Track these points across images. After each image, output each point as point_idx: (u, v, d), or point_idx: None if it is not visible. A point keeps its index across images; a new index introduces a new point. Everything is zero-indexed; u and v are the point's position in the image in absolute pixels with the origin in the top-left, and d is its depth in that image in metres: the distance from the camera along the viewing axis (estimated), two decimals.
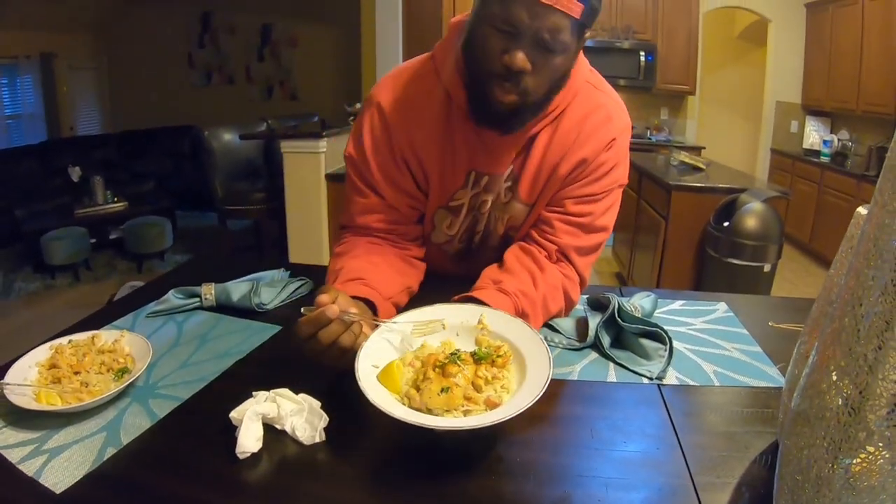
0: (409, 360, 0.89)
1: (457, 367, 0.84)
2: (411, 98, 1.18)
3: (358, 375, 0.81)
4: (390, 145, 1.19)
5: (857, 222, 0.73)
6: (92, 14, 7.58)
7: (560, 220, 1.21)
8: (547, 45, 0.97)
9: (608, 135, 1.18)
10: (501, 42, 0.98)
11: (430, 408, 0.80)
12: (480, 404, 0.82)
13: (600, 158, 1.18)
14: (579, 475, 0.78)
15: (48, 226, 4.94)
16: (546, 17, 0.94)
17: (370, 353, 0.88)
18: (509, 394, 0.85)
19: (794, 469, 0.61)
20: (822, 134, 6.46)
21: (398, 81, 1.21)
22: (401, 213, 1.24)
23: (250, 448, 0.77)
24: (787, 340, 1.15)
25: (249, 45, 8.04)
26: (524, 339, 0.93)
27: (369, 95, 1.23)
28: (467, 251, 1.34)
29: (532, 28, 0.95)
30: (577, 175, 1.19)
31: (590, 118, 1.17)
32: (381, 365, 0.87)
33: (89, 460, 0.78)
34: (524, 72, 0.99)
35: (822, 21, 6.28)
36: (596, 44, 6.47)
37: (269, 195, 4.52)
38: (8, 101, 6.83)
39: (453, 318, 0.98)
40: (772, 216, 3.35)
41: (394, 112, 1.18)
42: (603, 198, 1.21)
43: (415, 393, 0.82)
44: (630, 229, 4.57)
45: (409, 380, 0.85)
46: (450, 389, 0.81)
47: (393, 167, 1.20)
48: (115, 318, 1.20)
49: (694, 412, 0.94)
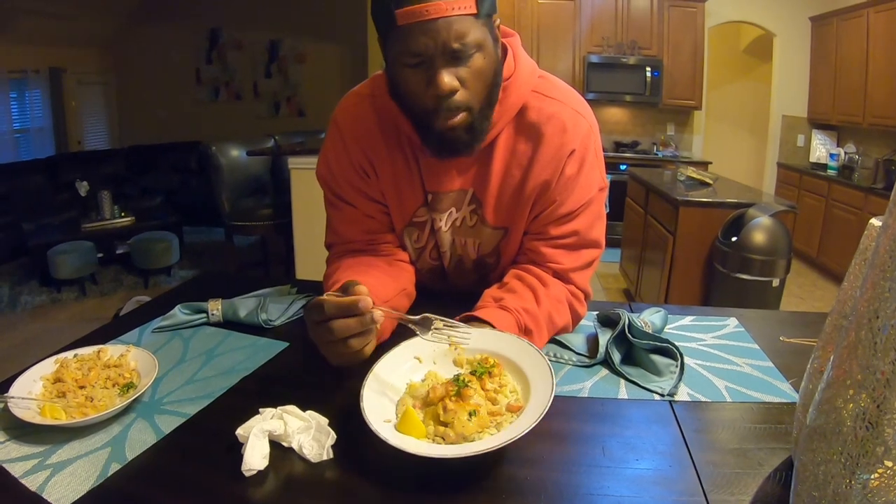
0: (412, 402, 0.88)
1: (472, 390, 0.84)
2: (363, 116, 1.19)
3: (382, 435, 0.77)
4: (350, 161, 1.20)
5: (871, 234, 0.72)
6: (101, 29, 7.67)
7: (547, 245, 1.19)
8: (461, 53, 0.95)
9: (566, 147, 1.14)
10: (419, 76, 0.97)
11: (466, 436, 0.79)
12: (505, 413, 0.83)
13: (565, 174, 1.14)
14: (591, 494, 0.76)
15: (55, 240, 4.96)
16: (447, 29, 0.93)
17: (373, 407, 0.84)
18: (519, 394, 0.87)
19: (811, 486, 0.60)
20: (829, 147, 6.45)
21: (354, 98, 1.22)
22: (376, 221, 1.25)
23: (256, 466, 0.76)
24: (799, 355, 1.13)
25: (257, 61, 8.10)
26: (501, 343, 0.95)
27: (333, 113, 1.24)
28: (442, 271, 1.33)
29: (438, 46, 0.93)
30: (547, 198, 1.16)
31: (543, 134, 1.13)
32: (390, 417, 0.85)
33: (93, 476, 0.77)
34: (455, 91, 0.98)
35: (827, 34, 6.29)
36: (602, 60, 6.50)
37: (275, 211, 4.53)
38: (16, 115, 6.89)
39: (424, 351, 0.98)
40: (780, 231, 3.33)
41: (347, 129, 1.20)
42: (582, 211, 1.18)
43: (445, 429, 0.80)
44: (637, 245, 4.56)
45: (427, 419, 0.84)
46: (476, 412, 0.81)
47: (357, 179, 1.21)
48: (121, 333, 1.20)
49: (706, 429, 0.92)
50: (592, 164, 1.18)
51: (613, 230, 4.91)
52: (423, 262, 1.31)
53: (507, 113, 1.12)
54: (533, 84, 1.15)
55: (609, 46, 6.52)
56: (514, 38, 1.16)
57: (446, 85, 0.96)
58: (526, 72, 1.14)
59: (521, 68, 1.13)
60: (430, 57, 0.95)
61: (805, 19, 6.61)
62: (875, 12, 5.39)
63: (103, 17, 7.50)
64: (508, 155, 1.15)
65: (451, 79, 0.96)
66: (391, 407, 0.88)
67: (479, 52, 0.98)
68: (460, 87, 0.98)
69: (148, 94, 8.20)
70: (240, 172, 4.97)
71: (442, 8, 0.91)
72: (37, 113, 7.17)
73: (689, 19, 6.48)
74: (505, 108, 1.11)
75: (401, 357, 0.96)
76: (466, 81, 0.99)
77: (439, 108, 0.99)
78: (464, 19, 0.93)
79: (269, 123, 7.74)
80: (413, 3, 0.91)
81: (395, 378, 0.92)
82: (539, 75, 1.17)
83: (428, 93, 0.98)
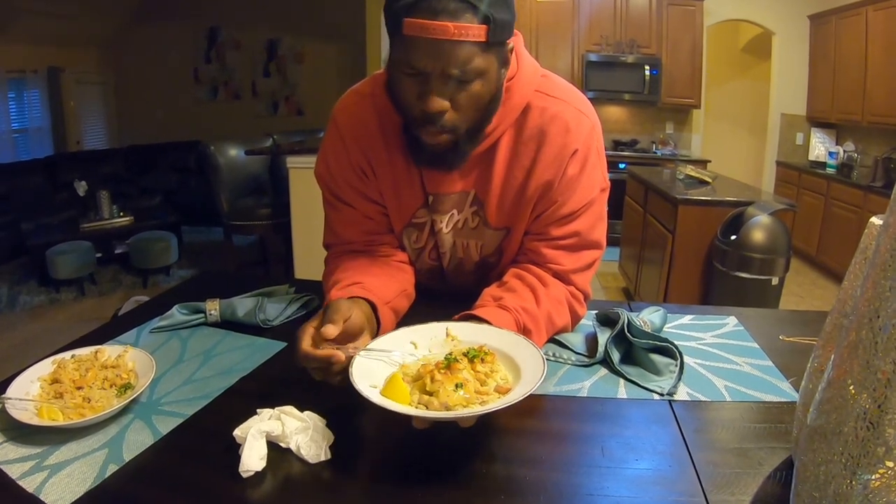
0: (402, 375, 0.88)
1: (461, 364, 0.84)
2: (363, 115, 1.18)
3: (365, 393, 0.79)
4: (349, 161, 1.19)
5: (871, 233, 0.72)
6: (99, 29, 7.66)
7: (548, 246, 1.18)
8: (460, 78, 0.94)
9: (569, 147, 1.12)
10: (413, 86, 0.96)
11: (450, 406, 0.80)
12: (492, 394, 0.83)
13: (568, 174, 1.13)
14: (590, 494, 0.76)
15: (54, 240, 4.96)
16: (449, 54, 0.91)
17: (363, 374, 0.86)
18: (510, 382, 0.87)
19: (812, 486, 0.60)
20: (828, 146, 6.45)
21: (354, 97, 1.21)
22: (375, 223, 1.24)
23: (254, 467, 0.76)
24: (799, 354, 1.13)
25: (255, 60, 8.09)
26: (500, 339, 0.96)
27: (332, 111, 1.23)
28: (441, 271, 1.33)
29: (438, 68, 0.92)
30: (548, 198, 1.15)
31: (546, 134, 1.12)
32: (378, 383, 0.86)
33: (91, 477, 0.76)
34: (444, 112, 0.96)
35: (826, 32, 6.29)
36: (600, 59, 6.50)
37: (274, 211, 4.52)
38: (15, 115, 6.88)
39: (421, 338, 0.98)
40: (779, 229, 3.33)
41: (347, 129, 1.19)
42: (584, 212, 1.17)
43: (429, 398, 0.81)
44: (636, 244, 4.55)
45: (414, 389, 0.84)
46: (463, 385, 0.81)
47: (356, 179, 1.20)
48: (119, 333, 1.19)
49: (706, 428, 0.92)
50: (595, 164, 1.17)
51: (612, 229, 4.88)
52: (422, 263, 1.31)
53: (511, 114, 1.11)
54: (536, 84, 1.14)
55: (608, 45, 6.52)
56: (517, 38, 1.14)
57: (435, 106, 0.95)
58: (529, 72, 1.13)
59: (525, 68, 1.12)
60: (426, 74, 0.93)
61: (804, 17, 6.61)
62: (874, 10, 5.39)
63: (101, 16, 7.49)
64: (511, 156, 1.14)
65: (441, 101, 0.95)
66: (380, 378, 0.88)
67: (479, 79, 0.96)
68: (450, 109, 0.97)
69: (146, 93, 8.19)
70: (238, 172, 4.96)
71: (450, 31, 0.88)
72: (35, 113, 7.16)
73: (687, 18, 6.47)
74: (508, 109, 1.10)
75: (397, 340, 0.97)
76: (459, 105, 0.97)
77: (426, 122, 0.98)
78: (470, 46, 0.91)
79: (267, 123, 7.73)
80: (423, 14, 0.88)
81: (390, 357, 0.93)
82: (542, 74, 1.16)
83: (417, 105, 0.97)
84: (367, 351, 0.91)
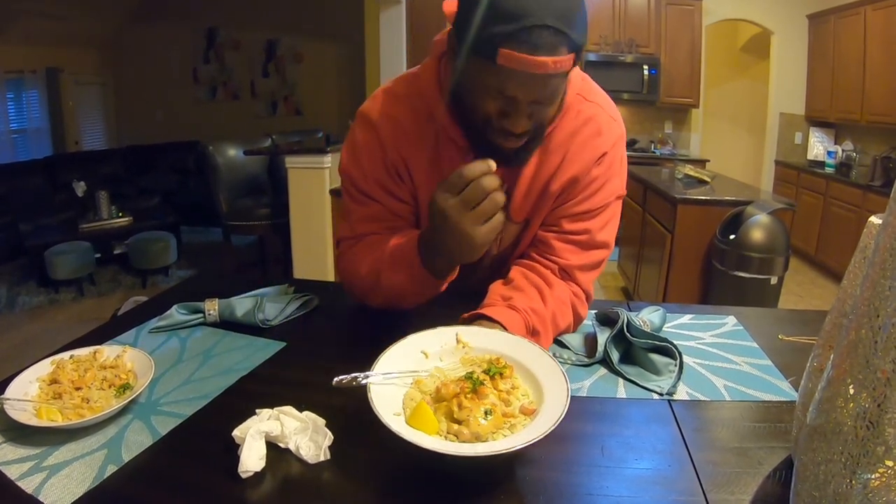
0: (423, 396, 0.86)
1: (487, 389, 0.83)
2: (401, 117, 1.17)
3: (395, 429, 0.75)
4: (385, 161, 1.18)
5: (870, 232, 0.72)
6: (98, 29, 7.66)
7: (558, 239, 1.19)
8: (545, 102, 0.97)
9: (598, 150, 1.15)
10: (497, 105, 0.96)
11: (480, 435, 0.78)
12: (518, 415, 0.82)
13: (592, 174, 1.16)
14: (590, 494, 0.76)
15: (53, 240, 4.96)
16: (543, 86, 0.92)
17: (383, 400, 0.82)
18: (531, 398, 0.86)
19: (811, 485, 0.60)
20: (827, 145, 6.46)
21: (388, 97, 1.19)
22: (402, 219, 1.23)
23: (253, 467, 0.76)
24: (798, 353, 1.13)
25: (254, 60, 8.10)
26: (513, 347, 0.94)
27: (362, 110, 1.21)
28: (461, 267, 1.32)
29: (530, 97, 0.94)
30: (569, 193, 1.17)
31: (579, 134, 1.14)
32: (398, 408, 0.84)
33: (90, 477, 0.76)
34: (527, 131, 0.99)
35: (825, 32, 6.29)
36: (599, 58, 6.49)
37: (273, 211, 4.53)
38: (14, 116, 6.89)
39: (431, 346, 0.97)
40: (778, 228, 3.33)
41: (384, 129, 1.17)
42: (599, 213, 1.19)
43: (458, 427, 0.79)
44: (635, 243, 4.56)
45: (439, 415, 0.82)
46: (492, 411, 0.80)
47: (389, 180, 1.19)
48: (118, 334, 1.19)
49: (705, 428, 0.92)
50: (617, 170, 1.19)
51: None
52: None
53: (558, 113, 1.12)
54: (578, 86, 1.15)
55: (607, 44, 6.51)
56: None
57: (522, 128, 0.97)
58: (577, 77, 1.14)
59: (573, 74, 1.12)
60: (517, 102, 0.94)
61: (802, 17, 6.61)
62: (872, 10, 5.40)
63: (100, 17, 7.50)
64: (542, 154, 1.15)
65: (527, 123, 0.97)
66: (398, 399, 0.86)
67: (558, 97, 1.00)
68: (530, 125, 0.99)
69: (145, 94, 8.21)
70: (237, 172, 4.96)
71: (548, 66, 0.88)
72: (34, 113, 7.17)
73: (686, 17, 6.47)
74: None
75: (407, 349, 0.95)
76: (536, 117, 0.99)
77: (506, 134, 1.00)
78: (560, 77, 0.93)
79: (266, 123, 7.75)
80: (522, 48, 0.87)
81: (401, 370, 0.91)
82: (582, 77, 1.17)
83: (499, 122, 0.98)
84: (383, 375, 0.88)
